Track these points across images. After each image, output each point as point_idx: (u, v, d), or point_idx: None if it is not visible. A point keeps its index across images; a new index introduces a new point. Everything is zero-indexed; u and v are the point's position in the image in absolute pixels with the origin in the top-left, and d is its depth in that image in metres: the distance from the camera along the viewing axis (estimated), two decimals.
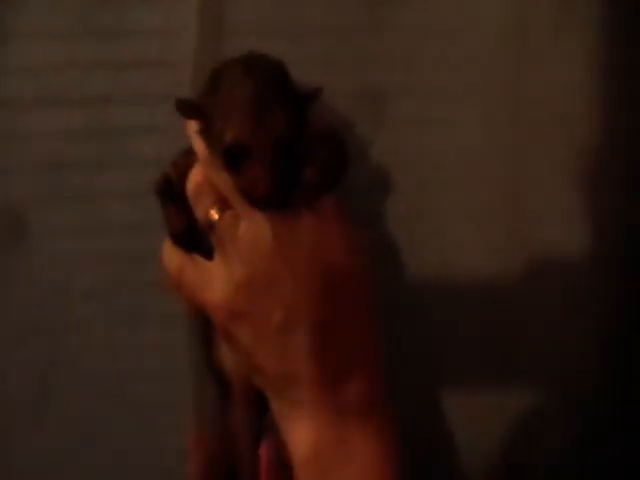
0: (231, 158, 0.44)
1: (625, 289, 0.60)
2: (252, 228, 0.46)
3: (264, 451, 0.50)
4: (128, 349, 0.59)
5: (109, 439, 0.59)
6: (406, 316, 0.59)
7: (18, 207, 0.59)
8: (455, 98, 0.59)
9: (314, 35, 0.58)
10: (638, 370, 0.59)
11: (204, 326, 0.51)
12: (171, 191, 0.49)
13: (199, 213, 0.47)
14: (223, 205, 0.46)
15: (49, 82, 0.58)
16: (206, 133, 0.46)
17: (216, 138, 0.45)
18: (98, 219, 0.59)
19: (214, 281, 0.46)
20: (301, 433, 0.45)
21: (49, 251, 0.59)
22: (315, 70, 0.56)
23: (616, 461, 0.59)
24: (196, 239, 0.48)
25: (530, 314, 0.60)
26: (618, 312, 0.60)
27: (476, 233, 0.59)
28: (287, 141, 0.44)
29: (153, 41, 0.57)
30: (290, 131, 0.44)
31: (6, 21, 0.57)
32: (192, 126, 0.47)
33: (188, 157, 0.48)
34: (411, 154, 0.59)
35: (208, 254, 0.48)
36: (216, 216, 0.46)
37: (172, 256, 0.49)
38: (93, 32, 0.57)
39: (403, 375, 0.57)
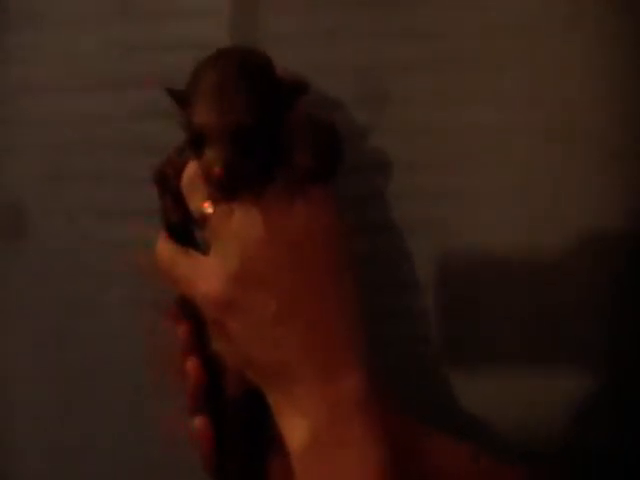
0: (196, 145, 0.45)
1: None
2: (244, 219, 0.46)
3: None
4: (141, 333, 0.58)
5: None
6: (440, 294, 0.58)
7: (19, 201, 0.59)
8: (486, 72, 0.57)
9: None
10: None
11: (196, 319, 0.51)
12: (168, 185, 0.49)
13: (193, 206, 0.48)
14: (216, 198, 0.46)
15: (78, 66, 0.58)
16: (185, 124, 0.46)
17: (187, 127, 0.46)
18: (110, 204, 0.59)
19: (208, 274, 0.46)
20: (295, 426, 0.45)
21: (54, 237, 0.59)
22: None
23: None
24: (190, 235, 0.49)
25: (570, 293, 0.59)
26: None
27: (509, 211, 0.58)
28: (248, 127, 0.44)
29: (186, 22, 0.57)
30: (252, 118, 0.44)
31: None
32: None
33: (184, 153, 0.48)
34: (439, 131, 0.58)
35: (201, 251, 0.48)
36: (210, 209, 0.46)
37: (165, 248, 0.49)
38: (125, 14, 0.57)
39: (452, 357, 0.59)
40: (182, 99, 0.46)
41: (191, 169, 0.48)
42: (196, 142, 0.45)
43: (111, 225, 0.58)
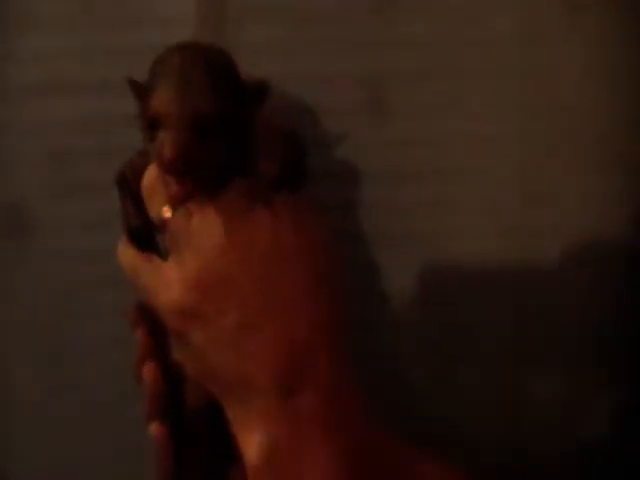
0: (151, 130, 0.44)
1: None
2: (204, 224, 0.45)
3: None
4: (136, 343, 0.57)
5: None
6: (426, 304, 0.58)
7: (22, 201, 0.59)
8: (469, 84, 0.57)
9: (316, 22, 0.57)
10: None
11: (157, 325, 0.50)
12: (128, 188, 0.49)
13: (152, 211, 0.47)
14: (176, 203, 0.46)
15: (49, 70, 0.58)
16: (142, 112, 0.46)
17: (143, 114, 0.45)
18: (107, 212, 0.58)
19: (167, 281, 0.45)
20: (253, 439, 0.44)
21: (56, 246, 0.59)
22: (317, 56, 0.56)
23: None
24: (152, 240, 0.48)
25: (554, 299, 0.58)
26: None
27: (492, 220, 0.57)
28: (205, 116, 0.43)
29: (152, 29, 0.56)
30: (210, 107, 0.43)
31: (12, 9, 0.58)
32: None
33: (144, 157, 0.47)
34: (422, 142, 0.57)
35: (162, 257, 0.47)
36: (168, 214, 0.46)
37: (125, 254, 0.48)
38: (94, 20, 0.57)
39: (428, 362, 0.58)
40: (142, 91, 0.46)
41: (151, 172, 0.47)
42: (152, 127, 0.44)
43: (112, 226, 0.57)
